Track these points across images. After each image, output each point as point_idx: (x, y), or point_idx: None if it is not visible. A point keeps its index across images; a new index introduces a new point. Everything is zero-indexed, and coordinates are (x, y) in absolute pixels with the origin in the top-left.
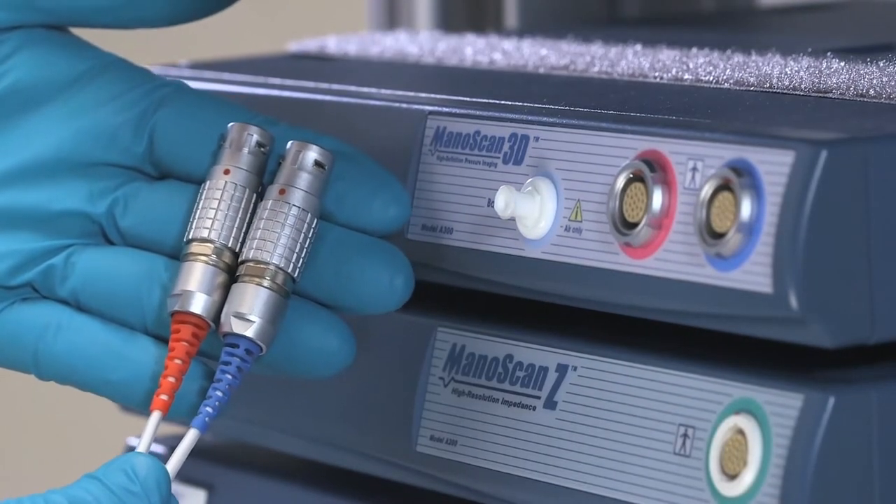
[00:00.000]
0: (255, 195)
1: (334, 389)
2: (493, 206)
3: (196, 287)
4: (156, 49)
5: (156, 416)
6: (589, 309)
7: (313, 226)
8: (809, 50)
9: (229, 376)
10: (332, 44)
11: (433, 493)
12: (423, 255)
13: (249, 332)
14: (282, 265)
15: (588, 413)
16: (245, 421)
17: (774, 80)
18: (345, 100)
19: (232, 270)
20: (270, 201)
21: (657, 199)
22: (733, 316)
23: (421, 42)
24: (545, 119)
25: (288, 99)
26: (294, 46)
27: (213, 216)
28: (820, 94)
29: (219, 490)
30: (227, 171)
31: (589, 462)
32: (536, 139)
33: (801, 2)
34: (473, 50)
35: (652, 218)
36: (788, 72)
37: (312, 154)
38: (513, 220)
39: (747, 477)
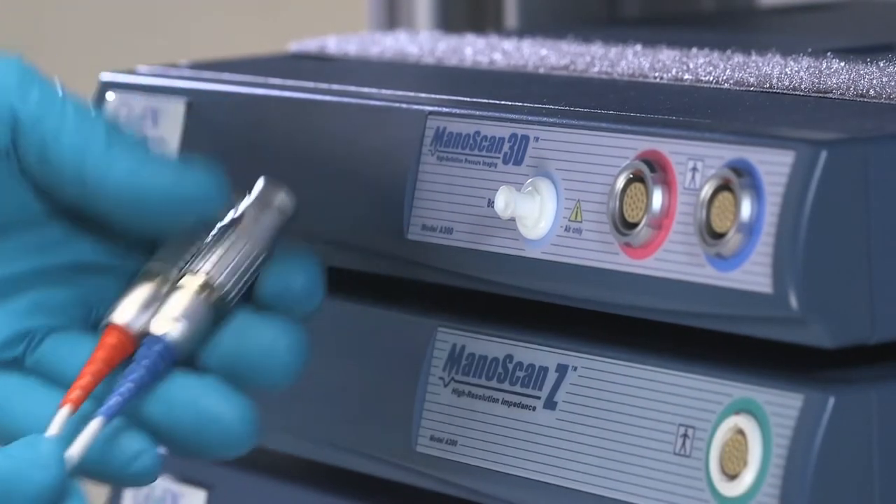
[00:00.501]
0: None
1: (334, 389)
2: (493, 206)
3: (129, 301)
4: (156, 49)
5: (65, 410)
6: (589, 309)
7: (257, 262)
8: (809, 50)
9: (141, 371)
10: (333, 44)
11: (433, 494)
12: (423, 255)
13: (169, 333)
14: (217, 282)
15: (588, 413)
16: None
17: (774, 81)
18: (345, 100)
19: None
20: (227, 227)
21: (657, 199)
22: (733, 316)
23: (421, 42)
24: (545, 119)
25: (288, 99)
26: (294, 46)
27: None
28: (820, 95)
29: (219, 490)
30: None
31: (589, 462)
32: (536, 139)
33: (801, 2)
34: (473, 50)
35: (652, 218)
36: (788, 72)
37: (280, 196)
38: (513, 220)
39: (747, 477)
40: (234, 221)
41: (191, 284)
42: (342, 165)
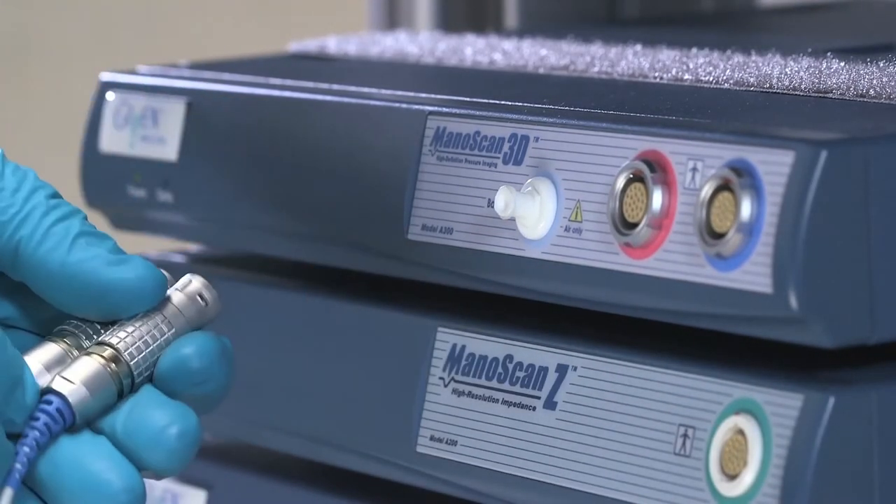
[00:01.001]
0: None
1: (334, 389)
2: (493, 206)
3: (35, 356)
4: (156, 49)
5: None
6: (589, 309)
7: (169, 341)
8: (809, 50)
9: (37, 432)
10: (333, 44)
11: (433, 494)
12: (423, 255)
13: (66, 391)
14: (125, 356)
15: (588, 413)
16: (245, 421)
17: (774, 81)
18: (345, 100)
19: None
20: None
21: (657, 199)
22: (733, 316)
23: (421, 42)
24: (545, 119)
25: (288, 99)
26: (294, 46)
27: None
28: (820, 95)
29: (219, 490)
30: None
31: (589, 462)
32: (536, 139)
33: (801, 2)
34: (473, 50)
35: (652, 218)
36: (788, 72)
37: (211, 296)
38: (513, 220)
39: (747, 477)
40: (160, 304)
41: (100, 354)
42: (342, 165)
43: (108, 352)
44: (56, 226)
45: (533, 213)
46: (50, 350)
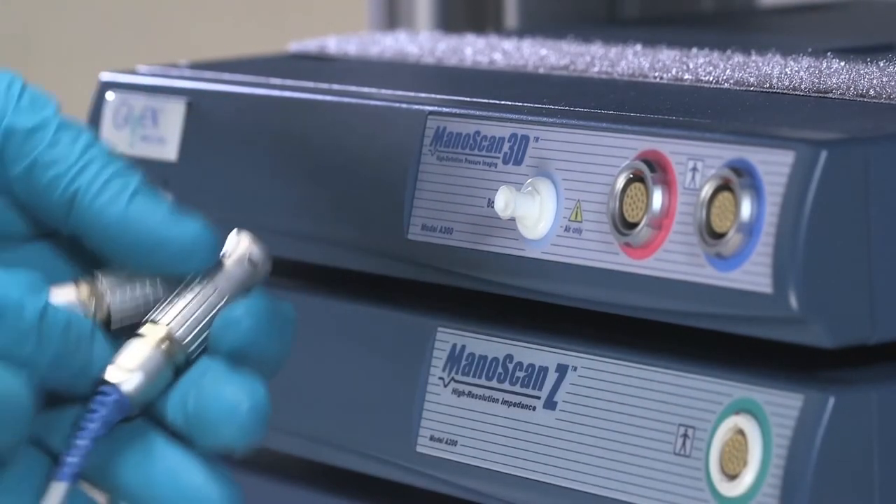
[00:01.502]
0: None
1: (334, 389)
2: (493, 206)
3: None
4: (155, 49)
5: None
6: (589, 309)
7: (221, 310)
8: (809, 50)
9: (95, 425)
10: (333, 44)
11: (433, 494)
12: (423, 255)
13: (124, 383)
14: (177, 334)
15: (588, 413)
16: None
17: (774, 81)
18: (345, 100)
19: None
20: (196, 277)
21: (657, 199)
22: (733, 316)
23: (421, 42)
24: (545, 119)
25: (288, 99)
26: (294, 46)
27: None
28: (820, 95)
29: None
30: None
31: (589, 462)
32: (536, 139)
33: (801, 2)
34: (473, 50)
35: (652, 218)
36: (788, 72)
37: (256, 252)
38: (513, 220)
39: (747, 477)
40: (210, 272)
41: (152, 335)
42: (342, 165)
43: (160, 333)
44: (114, 179)
45: (533, 213)
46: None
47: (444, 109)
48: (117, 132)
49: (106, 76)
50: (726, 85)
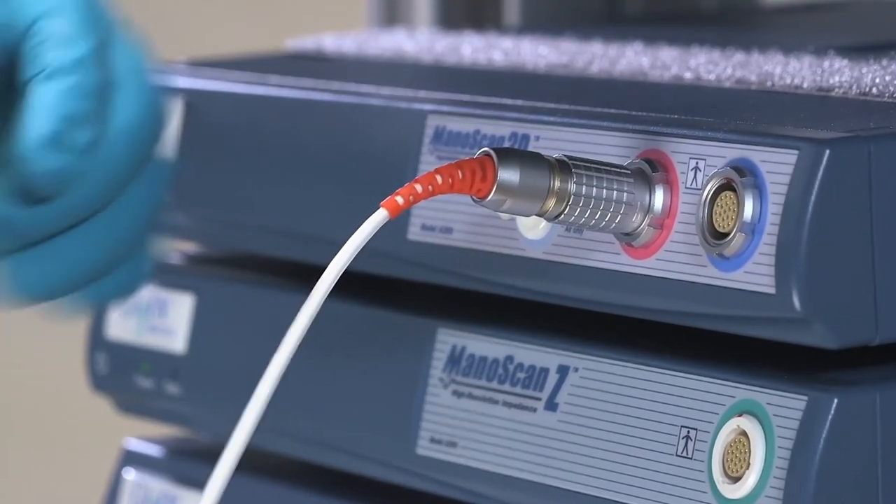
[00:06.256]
0: None
1: (334, 390)
2: None
3: None
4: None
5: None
6: (590, 310)
7: None
8: (811, 48)
9: None
10: (331, 42)
11: (433, 496)
12: (423, 255)
13: None
14: None
15: (589, 415)
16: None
17: (776, 79)
18: (344, 99)
19: None
20: None
21: (659, 198)
22: (736, 317)
23: (420, 40)
24: (545, 118)
25: (286, 98)
26: (292, 45)
27: None
28: (822, 93)
29: None
30: None
31: (590, 464)
32: (536, 138)
33: (803, 0)
34: (473, 48)
35: (654, 218)
36: (790, 70)
37: None
38: (513, 220)
39: (750, 479)
40: None
41: None
42: (341, 164)
43: None
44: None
45: None
46: None
47: (444, 108)
48: None
49: None
50: (727, 84)
